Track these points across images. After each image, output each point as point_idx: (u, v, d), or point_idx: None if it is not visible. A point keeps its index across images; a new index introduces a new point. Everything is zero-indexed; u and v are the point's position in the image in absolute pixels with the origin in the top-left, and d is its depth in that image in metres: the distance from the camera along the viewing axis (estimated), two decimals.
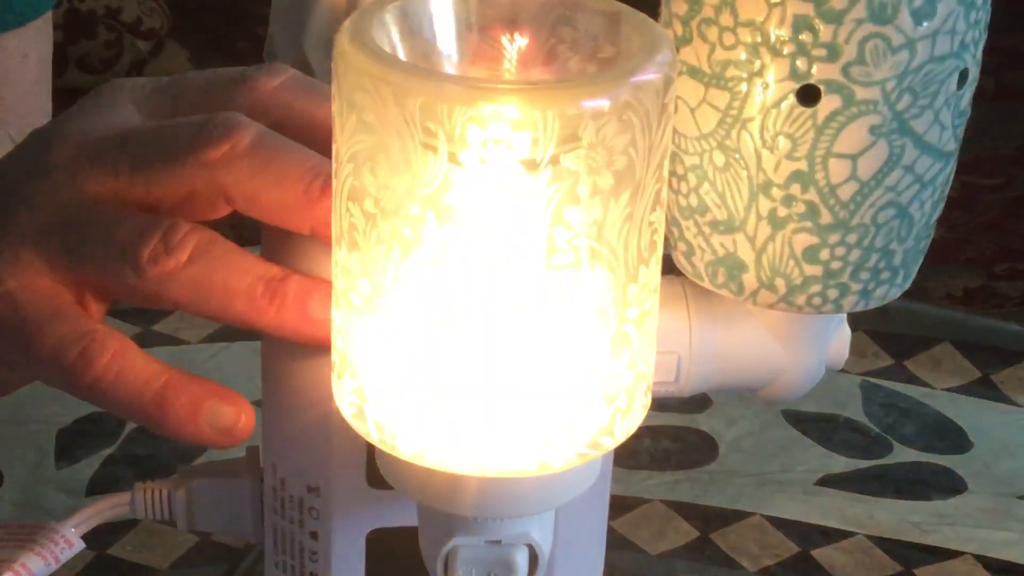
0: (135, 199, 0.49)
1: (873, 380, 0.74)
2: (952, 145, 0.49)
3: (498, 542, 0.45)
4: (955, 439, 0.71)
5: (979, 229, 1.47)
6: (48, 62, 0.94)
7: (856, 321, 0.73)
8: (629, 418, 0.43)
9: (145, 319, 0.76)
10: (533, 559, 0.45)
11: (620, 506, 0.65)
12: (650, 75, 0.40)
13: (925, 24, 0.46)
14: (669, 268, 0.51)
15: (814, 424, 0.71)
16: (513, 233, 0.40)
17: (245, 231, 0.52)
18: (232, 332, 0.75)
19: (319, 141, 0.48)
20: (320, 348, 0.47)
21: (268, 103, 0.50)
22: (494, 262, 0.40)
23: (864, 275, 0.49)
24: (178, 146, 0.48)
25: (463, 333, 0.41)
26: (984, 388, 0.74)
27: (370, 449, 0.47)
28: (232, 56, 1.71)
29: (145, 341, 0.74)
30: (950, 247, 1.44)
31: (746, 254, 0.49)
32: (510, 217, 0.39)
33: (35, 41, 0.92)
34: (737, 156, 0.48)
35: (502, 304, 0.40)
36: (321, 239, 0.47)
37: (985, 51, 1.42)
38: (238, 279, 0.47)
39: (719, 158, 0.48)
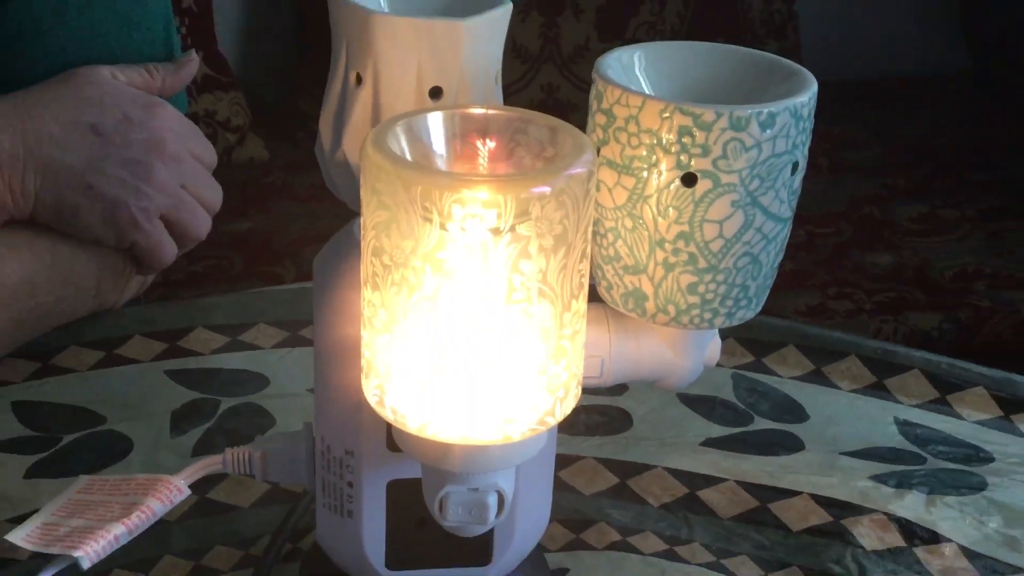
0: None
1: (740, 372, 0.74)
2: (788, 213, 0.49)
3: (476, 489, 0.45)
4: (797, 413, 0.71)
5: (818, 264, 1.47)
6: None
7: (728, 331, 0.73)
8: (566, 404, 0.44)
9: (230, 331, 0.76)
10: (501, 501, 0.46)
11: (563, 461, 0.65)
12: (578, 170, 0.40)
13: (768, 131, 0.46)
14: (596, 298, 0.51)
15: (699, 403, 0.71)
16: (484, 278, 0.40)
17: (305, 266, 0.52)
18: (295, 340, 0.75)
19: None
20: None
21: None
22: (472, 299, 0.40)
23: (729, 303, 0.49)
24: None
25: (450, 347, 0.41)
26: (817, 377, 0.74)
27: (388, 425, 0.47)
28: (294, 144, 1.70)
29: (232, 348, 0.74)
30: (797, 276, 1.43)
31: (647, 288, 0.49)
32: (482, 267, 0.40)
33: None
34: (641, 221, 0.48)
35: (477, 328, 0.41)
36: None
37: (821, 137, 1.42)
38: None
39: (628, 223, 0.48)
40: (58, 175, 0.68)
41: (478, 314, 0.40)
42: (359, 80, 0.49)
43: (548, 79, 1.71)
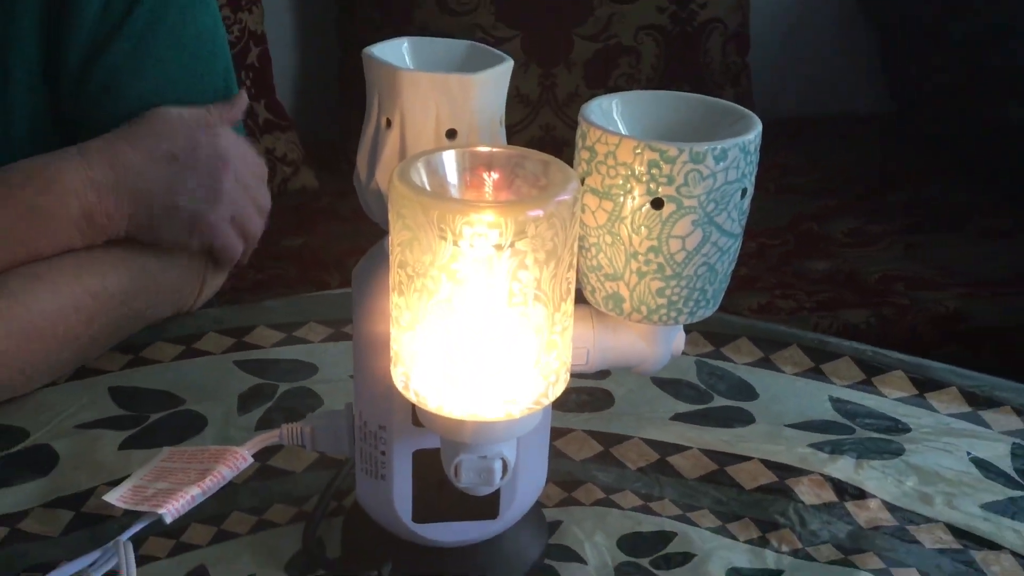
0: None
1: (702, 359, 0.73)
2: (739, 230, 0.49)
3: (485, 457, 0.45)
4: (748, 393, 0.70)
5: (767, 270, 1.46)
6: None
7: (692, 326, 0.73)
8: (557, 387, 0.44)
9: (286, 328, 0.75)
10: (505, 466, 0.46)
11: (557, 433, 0.65)
12: (566, 196, 0.40)
13: (721, 163, 0.46)
14: (582, 300, 0.51)
15: (669, 385, 0.70)
16: (489, 286, 0.40)
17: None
18: (339, 336, 0.74)
19: None
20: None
21: None
22: (479, 302, 0.40)
23: (691, 304, 0.49)
24: None
25: (462, 342, 0.41)
26: (766, 363, 0.73)
27: (413, 404, 0.47)
28: (339, 175, 1.70)
29: (288, 342, 0.74)
30: (750, 280, 1.43)
31: (624, 292, 0.49)
32: (487, 277, 0.40)
33: None
34: (618, 237, 0.48)
35: (484, 326, 0.41)
36: None
37: (769, 165, 1.41)
38: None
39: (608, 239, 0.48)
40: (146, 199, 0.68)
41: (484, 315, 0.41)
42: (388, 124, 0.49)
43: (546, 120, 1.71)
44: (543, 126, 1.71)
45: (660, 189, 0.46)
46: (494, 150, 0.43)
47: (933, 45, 1.78)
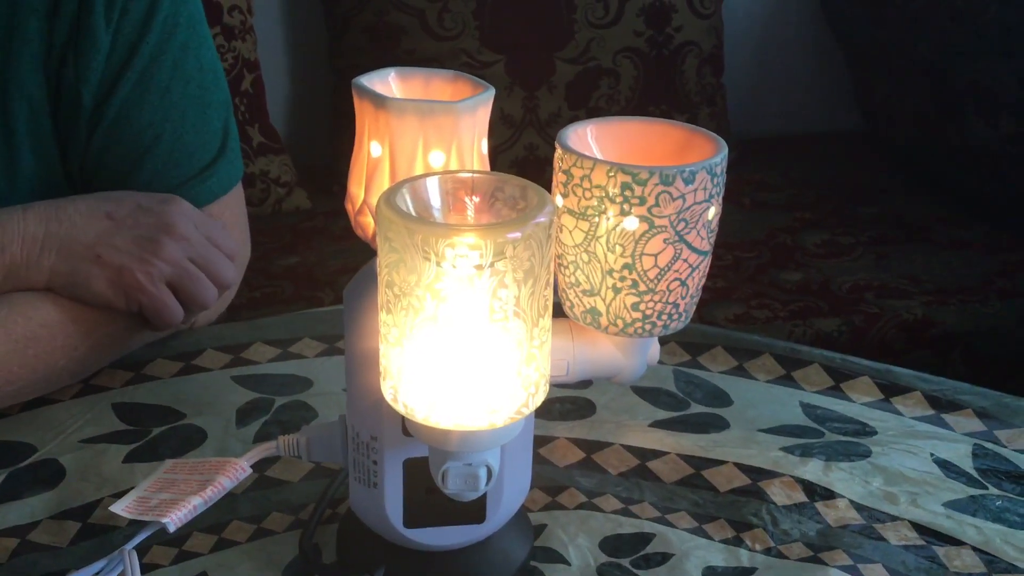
0: None
1: (679, 368, 0.73)
2: (708, 247, 0.49)
3: (470, 464, 0.45)
4: (723, 399, 0.70)
5: (743, 281, 1.46)
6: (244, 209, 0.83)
7: (670, 337, 0.73)
8: (537, 397, 0.44)
9: (282, 344, 0.75)
10: (489, 473, 0.46)
11: (541, 441, 0.65)
12: (542, 219, 0.41)
13: (690, 185, 0.46)
14: (563, 315, 0.52)
15: (648, 393, 0.70)
16: (471, 303, 0.40)
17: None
18: (332, 351, 0.75)
19: None
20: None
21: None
22: (462, 319, 0.41)
23: (664, 317, 0.50)
24: None
25: (447, 357, 0.42)
26: (740, 371, 0.73)
27: (403, 416, 0.47)
28: (330, 196, 1.70)
29: (283, 357, 0.74)
30: (726, 291, 1.43)
31: (601, 307, 0.50)
32: (469, 295, 0.40)
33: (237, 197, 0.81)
34: (595, 255, 0.48)
35: (467, 341, 0.41)
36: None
37: (745, 181, 1.41)
38: None
39: (585, 257, 0.49)
40: (70, 248, 0.64)
41: (467, 331, 0.41)
42: (377, 149, 0.49)
43: (529, 140, 1.72)
44: (527, 146, 1.72)
45: (633, 210, 0.47)
46: (475, 175, 0.44)
47: (901, 67, 1.80)
